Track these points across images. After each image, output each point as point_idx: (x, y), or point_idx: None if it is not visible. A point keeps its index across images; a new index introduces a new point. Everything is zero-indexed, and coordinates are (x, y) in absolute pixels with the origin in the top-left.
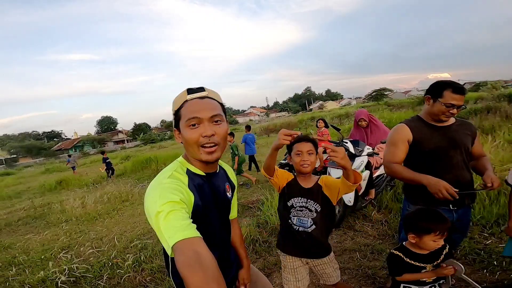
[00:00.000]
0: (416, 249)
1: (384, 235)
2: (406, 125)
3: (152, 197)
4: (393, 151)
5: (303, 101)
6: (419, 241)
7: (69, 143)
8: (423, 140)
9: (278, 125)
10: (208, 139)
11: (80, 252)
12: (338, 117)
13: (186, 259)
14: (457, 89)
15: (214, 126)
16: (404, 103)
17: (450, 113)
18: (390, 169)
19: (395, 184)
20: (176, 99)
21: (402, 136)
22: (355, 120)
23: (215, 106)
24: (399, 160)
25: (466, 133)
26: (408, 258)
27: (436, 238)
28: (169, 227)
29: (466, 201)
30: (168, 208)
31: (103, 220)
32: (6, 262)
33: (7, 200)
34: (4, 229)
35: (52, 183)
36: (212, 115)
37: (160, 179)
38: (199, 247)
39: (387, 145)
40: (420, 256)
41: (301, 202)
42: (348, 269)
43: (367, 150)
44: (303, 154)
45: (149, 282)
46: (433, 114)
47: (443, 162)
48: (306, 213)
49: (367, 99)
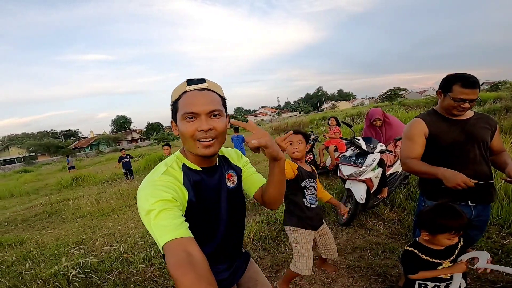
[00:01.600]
0: (430, 245)
1: (396, 233)
2: (422, 119)
3: (144, 195)
4: (410, 146)
5: (315, 101)
6: (433, 239)
7: (85, 141)
8: (440, 134)
9: (289, 125)
10: (205, 134)
11: (92, 247)
12: (351, 117)
13: (176, 260)
14: (467, 83)
15: (211, 120)
16: (419, 103)
17: (461, 108)
18: (407, 165)
19: (409, 182)
20: (175, 89)
21: (419, 130)
22: (368, 119)
23: (214, 99)
24: (417, 155)
25: (485, 127)
26: (424, 255)
27: (451, 237)
28: (160, 226)
29: (485, 199)
30: (160, 207)
31: (115, 216)
32: (21, 256)
33: (25, 196)
34: (20, 224)
35: (68, 180)
36: (210, 110)
37: (153, 177)
38: (190, 248)
39: (403, 140)
40: (436, 251)
41: (311, 182)
42: (358, 267)
43: (379, 147)
44: (294, 144)
45: (157, 277)
46: (445, 108)
47: (460, 156)
48: (313, 191)
49: (381, 99)
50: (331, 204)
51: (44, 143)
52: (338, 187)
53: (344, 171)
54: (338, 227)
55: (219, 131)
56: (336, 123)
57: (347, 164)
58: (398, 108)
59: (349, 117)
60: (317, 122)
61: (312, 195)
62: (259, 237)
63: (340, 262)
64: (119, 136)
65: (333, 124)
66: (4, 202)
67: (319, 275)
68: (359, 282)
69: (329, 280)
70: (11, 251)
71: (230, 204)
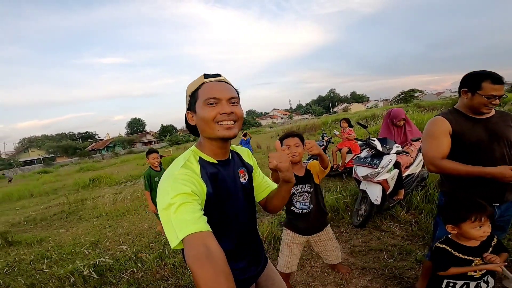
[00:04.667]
0: (462, 241)
1: (413, 235)
2: (445, 118)
3: (164, 188)
4: (436, 145)
5: (327, 104)
6: (460, 231)
7: (101, 143)
8: (464, 133)
9: (301, 127)
10: (227, 116)
11: (108, 246)
12: (364, 119)
13: (195, 253)
14: (496, 79)
15: (231, 106)
16: (436, 105)
17: (492, 104)
18: (437, 166)
19: (426, 184)
20: (192, 83)
21: (444, 128)
22: (388, 119)
23: (231, 88)
24: (444, 154)
25: (508, 124)
26: (456, 251)
27: (475, 225)
28: (180, 220)
29: (508, 197)
30: (180, 201)
31: (130, 216)
32: (39, 255)
33: (44, 196)
34: (39, 223)
35: (86, 181)
36: (230, 96)
37: (173, 170)
38: (209, 241)
39: (426, 140)
40: (468, 248)
41: (300, 188)
42: (373, 269)
43: (395, 149)
44: (291, 147)
45: (170, 276)
46: (473, 107)
47: (485, 155)
48: (306, 196)
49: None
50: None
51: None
52: (352, 189)
53: (359, 172)
54: (352, 229)
55: (239, 116)
56: (348, 125)
57: (362, 165)
58: (414, 110)
59: (362, 119)
60: (329, 125)
61: (302, 201)
62: (272, 238)
63: (355, 264)
64: (134, 138)
65: (345, 126)
66: (24, 201)
67: (332, 276)
68: (374, 283)
69: (343, 282)
70: (30, 249)
71: (245, 198)
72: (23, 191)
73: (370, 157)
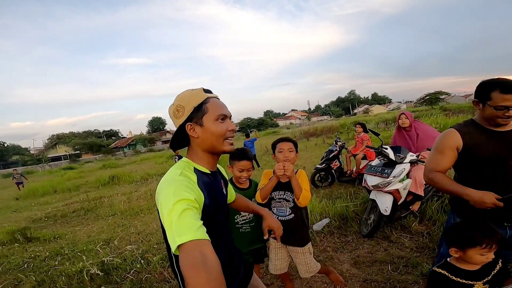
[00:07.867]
0: (462, 265)
1: (423, 247)
2: (457, 131)
3: (167, 193)
4: (438, 159)
5: (347, 105)
6: (463, 255)
7: (124, 141)
8: (477, 147)
9: (318, 129)
10: (232, 133)
11: (117, 245)
12: (385, 122)
13: (191, 260)
14: (507, 88)
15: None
16: (463, 108)
17: (506, 116)
18: (430, 178)
19: (442, 195)
20: (191, 96)
21: (451, 143)
22: (397, 122)
23: None
24: (443, 169)
25: None
26: (454, 276)
27: (484, 252)
28: (182, 226)
29: None
30: (183, 206)
31: (143, 215)
32: (54, 252)
33: (66, 193)
34: (59, 219)
35: (106, 178)
36: (231, 114)
37: (172, 176)
38: (206, 250)
39: (432, 151)
40: (468, 272)
41: (280, 195)
42: (375, 282)
43: (409, 157)
44: (284, 152)
45: (173, 278)
46: (487, 119)
47: (499, 172)
48: (284, 203)
49: (419, 103)
50: None
51: (88, 142)
52: (364, 196)
53: (369, 181)
54: (360, 238)
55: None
56: (363, 129)
57: (372, 174)
58: (438, 113)
59: (383, 122)
60: (348, 127)
61: (280, 207)
62: None
63: (357, 275)
64: (154, 137)
65: (359, 131)
66: (47, 197)
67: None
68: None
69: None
70: (46, 246)
71: (225, 209)
72: (47, 187)
73: (382, 166)
